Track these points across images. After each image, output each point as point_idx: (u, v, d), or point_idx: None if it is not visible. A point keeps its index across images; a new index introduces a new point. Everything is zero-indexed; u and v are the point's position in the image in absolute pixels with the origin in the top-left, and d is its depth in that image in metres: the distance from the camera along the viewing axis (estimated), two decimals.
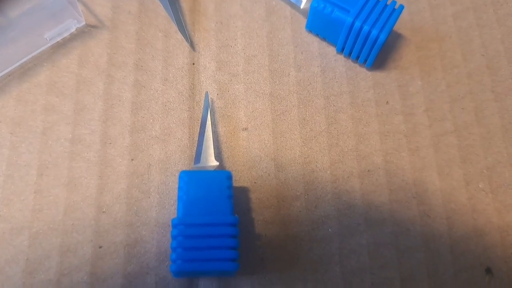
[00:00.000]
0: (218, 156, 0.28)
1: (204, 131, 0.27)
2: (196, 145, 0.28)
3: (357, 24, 0.28)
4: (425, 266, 0.27)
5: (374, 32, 0.28)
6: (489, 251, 0.27)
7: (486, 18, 0.33)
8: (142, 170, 0.28)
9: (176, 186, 0.27)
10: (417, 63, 0.31)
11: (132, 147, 0.28)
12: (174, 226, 0.24)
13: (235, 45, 0.31)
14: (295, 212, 0.27)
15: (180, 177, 0.25)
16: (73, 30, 0.30)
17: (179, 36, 0.31)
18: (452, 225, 0.28)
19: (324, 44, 0.31)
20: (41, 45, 0.29)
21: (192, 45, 0.31)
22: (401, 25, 0.32)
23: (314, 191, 0.28)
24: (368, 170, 0.28)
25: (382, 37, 0.28)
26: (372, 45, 0.29)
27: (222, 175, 0.25)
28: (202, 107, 0.29)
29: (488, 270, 0.27)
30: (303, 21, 0.32)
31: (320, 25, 0.30)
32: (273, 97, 0.30)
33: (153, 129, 0.29)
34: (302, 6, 0.31)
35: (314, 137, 0.29)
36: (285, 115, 0.30)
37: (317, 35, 0.31)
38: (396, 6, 0.29)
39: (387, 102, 0.30)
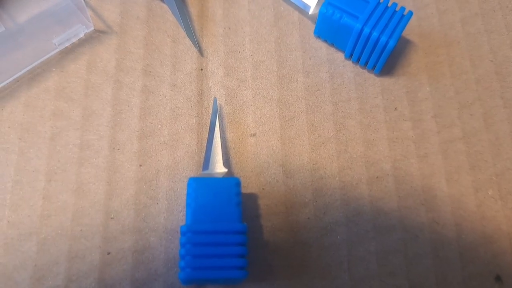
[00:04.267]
0: (226, 162, 0.28)
1: (213, 137, 0.27)
2: (204, 151, 0.28)
3: (366, 30, 0.28)
4: (434, 273, 0.27)
5: (383, 39, 0.28)
6: (499, 258, 0.27)
7: (494, 24, 0.32)
8: (150, 176, 0.28)
9: (185, 192, 0.27)
10: (425, 69, 0.31)
11: (141, 153, 0.28)
12: (183, 233, 0.24)
13: (243, 50, 0.31)
14: (304, 219, 0.27)
15: (189, 184, 0.25)
16: (81, 35, 0.30)
17: (187, 41, 0.31)
18: (461, 232, 0.27)
19: (332, 50, 0.31)
20: (49, 51, 0.29)
21: (200, 50, 0.31)
22: (409, 30, 0.32)
23: (323, 197, 0.28)
24: (377, 177, 0.28)
25: (391, 43, 0.28)
26: (381, 51, 0.28)
27: (231, 182, 0.25)
28: (210, 112, 0.29)
29: (498, 278, 0.27)
30: (311, 27, 0.32)
31: (328, 31, 0.30)
32: (281, 103, 0.30)
33: (161, 135, 0.28)
34: (310, 12, 0.31)
35: (323, 143, 0.29)
36: (294, 121, 0.29)
37: (325, 41, 0.31)
38: (405, 12, 0.29)
39: (395, 108, 0.30)
